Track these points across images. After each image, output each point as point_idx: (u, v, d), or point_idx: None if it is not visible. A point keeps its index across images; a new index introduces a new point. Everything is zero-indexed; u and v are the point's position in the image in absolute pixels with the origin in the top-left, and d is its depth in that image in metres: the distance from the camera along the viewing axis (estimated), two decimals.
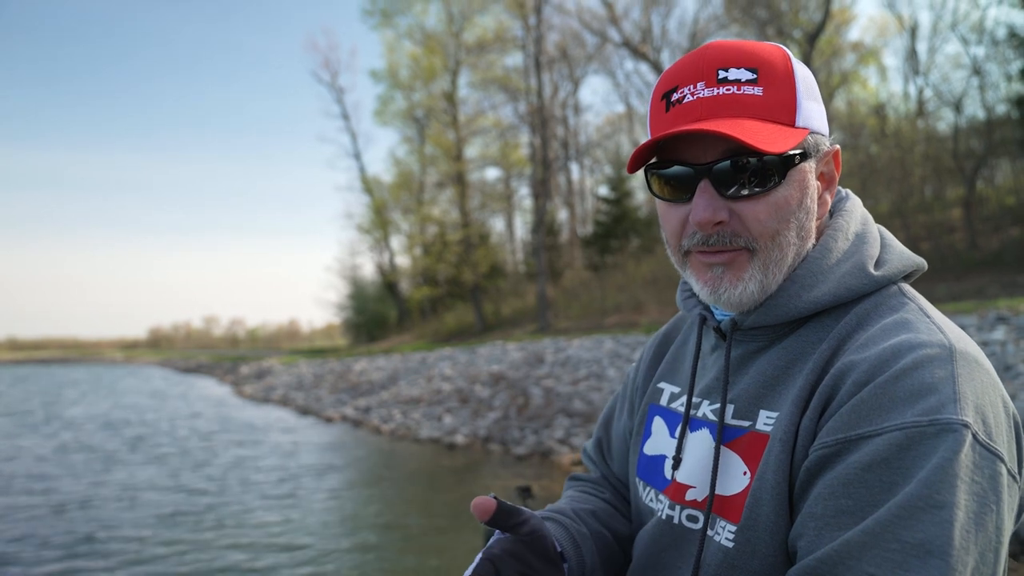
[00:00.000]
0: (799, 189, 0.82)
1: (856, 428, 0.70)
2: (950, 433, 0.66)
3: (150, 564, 6.25)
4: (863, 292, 0.82)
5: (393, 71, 34.94)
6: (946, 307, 10.80)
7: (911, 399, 0.69)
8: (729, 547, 0.82)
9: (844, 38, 26.76)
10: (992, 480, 0.67)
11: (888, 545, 0.65)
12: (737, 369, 0.89)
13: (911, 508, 0.65)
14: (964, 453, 0.66)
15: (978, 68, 20.05)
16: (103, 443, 13.79)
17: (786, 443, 0.78)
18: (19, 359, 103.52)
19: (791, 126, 0.80)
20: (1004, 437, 0.70)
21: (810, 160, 0.83)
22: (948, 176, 19.72)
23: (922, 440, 0.67)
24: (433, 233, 36.48)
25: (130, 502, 8.62)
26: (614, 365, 13.70)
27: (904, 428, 0.67)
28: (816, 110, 0.83)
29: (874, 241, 0.86)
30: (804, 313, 0.82)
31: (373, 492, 9.50)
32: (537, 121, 28.78)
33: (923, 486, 0.65)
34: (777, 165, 0.79)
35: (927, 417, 0.67)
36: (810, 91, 0.83)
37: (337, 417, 16.88)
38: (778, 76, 0.80)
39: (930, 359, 0.71)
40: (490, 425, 12.55)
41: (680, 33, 29.06)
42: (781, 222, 0.81)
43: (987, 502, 0.66)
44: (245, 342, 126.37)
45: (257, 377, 31.24)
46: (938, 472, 0.65)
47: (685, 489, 0.90)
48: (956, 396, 0.68)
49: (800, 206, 0.82)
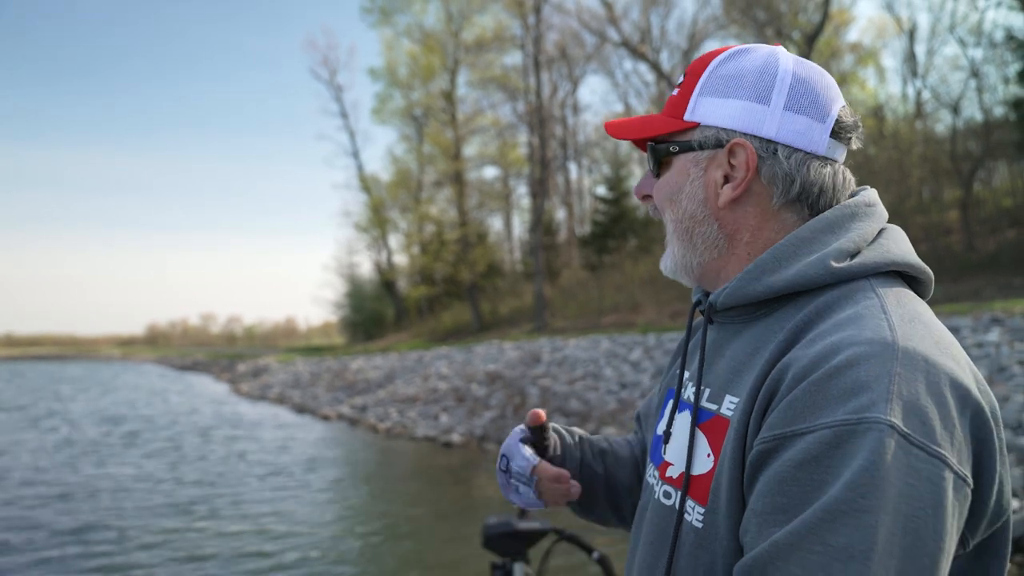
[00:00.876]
0: (677, 176, 0.91)
1: (791, 424, 0.70)
2: (875, 432, 0.65)
3: (145, 558, 6.24)
4: (820, 283, 0.81)
5: (391, 69, 34.90)
6: (942, 309, 10.82)
7: (843, 397, 0.68)
8: (699, 528, 0.83)
9: (843, 39, 26.79)
10: (930, 483, 0.65)
11: (813, 548, 0.65)
12: (716, 351, 0.91)
13: (835, 512, 0.65)
14: (892, 454, 0.65)
15: (976, 70, 20.08)
16: (98, 439, 13.76)
17: (739, 431, 0.79)
18: (15, 355, 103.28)
19: (679, 119, 0.89)
20: (953, 439, 0.68)
21: (694, 152, 0.89)
22: (945, 178, 19.74)
23: (850, 439, 0.66)
24: (431, 232, 36.45)
25: (125, 496, 8.60)
26: (610, 365, 13.70)
27: (833, 426, 0.67)
28: (720, 106, 0.87)
29: (859, 236, 0.84)
30: (762, 296, 0.84)
31: (368, 490, 9.49)
32: (535, 120, 28.76)
33: (847, 489, 0.65)
34: (658, 153, 0.91)
35: (856, 415, 0.66)
36: (721, 88, 0.87)
37: (333, 415, 16.86)
38: (691, 78, 0.90)
39: (867, 356, 0.69)
40: (486, 424, 12.55)
41: (679, 34, 29.15)
42: (664, 201, 0.92)
43: (922, 505, 0.65)
44: (242, 340, 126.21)
45: (254, 375, 31.21)
46: (864, 474, 0.64)
47: (667, 466, 0.93)
48: (889, 395, 0.67)
49: (680, 192, 0.90)
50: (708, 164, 0.88)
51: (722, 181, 0.88)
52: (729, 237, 0.89)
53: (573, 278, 31.43)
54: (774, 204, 0.87)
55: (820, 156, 0.86)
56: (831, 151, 0.87)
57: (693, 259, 0.92)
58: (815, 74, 0.88)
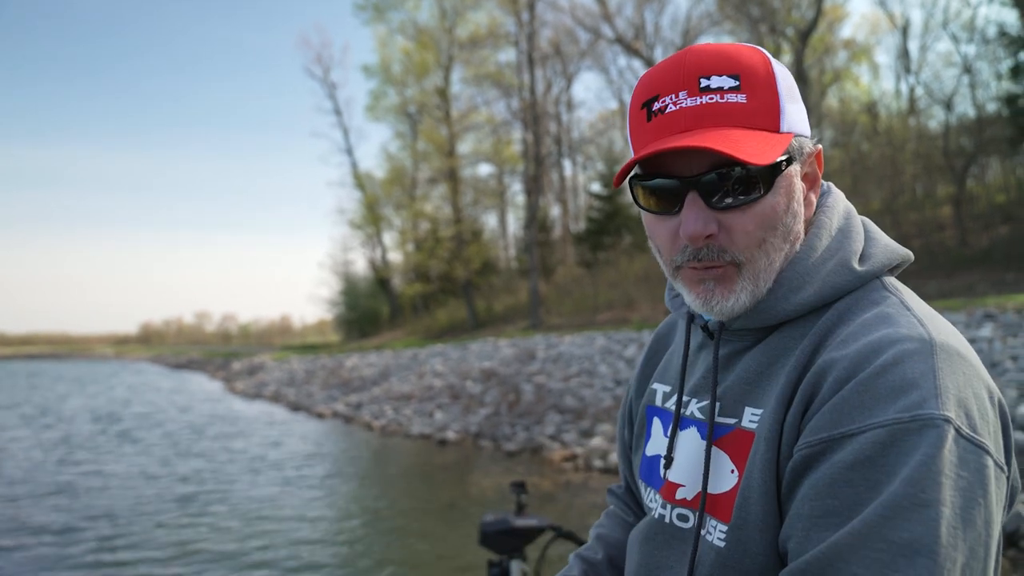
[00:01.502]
0: (786, 195, 0.81)
1: (839, 427, 0.70)
2: (932, 428, 0.65)
3: (137, 557, 6.22)
4: (848, 289, 0.81)
5: (385, 66, 34.81)
6: (935, 304, 10.85)
7: (892, 395, 0.68)
8: (721, 547, 0.81)
9: (836, 36, 26.85)
10: (978, 473, 0.66)
11: (875, 545, 0.64)
12: (724, 367, 0.89)
13: (896, 507, 0.64)
14: (948, 448, 0.65)
15: (969, 66, 20.14)
16: (91, 437, 13.71)
17: (771, 441, 0.77)
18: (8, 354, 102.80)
19: (776, 132, 0.79)
20: (989, 429, 0.69)
21: (795, 164, 0.82)
22: (939, 174, 19.80)
23: (905, 436, 0.66)
24: (425, 229, 36.40)
25: (116, 495, 8.57)
26: (605, 362, 13.71)
27: (886, 425, 0.67)
28: (797, 111, 0.83)
29: (857, 235, 0.85)
30: (792, 315, 0.82)
31: (363, 488, 9.48)
32: (530, 117, 28.73)
33: (908, 484, 0.64)
34: (764, 174, 0.78)
35: (908, 413, 0.67)
36: (791, 93, 0.82)
37: (328, 413, 16.83)
38: (760, 81, 0.79)
39: (910, 354, 0.70)
40: (481, 421, 12.54)
41: (673, 30, 29.04)
42: (768, 230, 0.80)
43: (974, 497, 0.65)
44: (237, 338, 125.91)
45: (249, 373, 31.13)
46: (922, 469, 0.64)
47: (675, 488, 0.90)
48: (937, 391, 0.67)
49: (787, 211, 0.81)
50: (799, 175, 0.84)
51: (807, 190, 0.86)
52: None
53: (568, 275, 31.42)
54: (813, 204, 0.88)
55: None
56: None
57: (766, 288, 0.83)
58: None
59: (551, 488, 8.35)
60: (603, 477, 8.83)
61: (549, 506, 7.43)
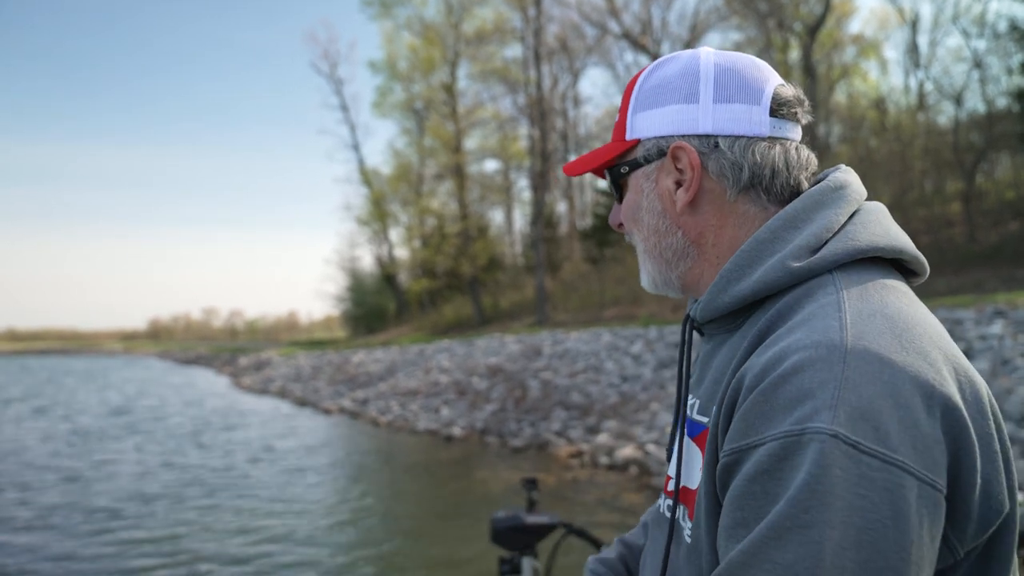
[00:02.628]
0: (634, 194, 0.91)
1: (745, 438, 0.69)
2: (816, 444, 0.62)
3: (143, 554, 6.25)
4: (782, 286, 0.78)
5: (392, 62, 34.77)
6: (944, 301, 10.79)
7: (788, 407, 0.65)
8: (688, 542, 0.83)
9: (845, 31, 26.64)
10: (887, 491, 0.62)
11: (763, 566, 0.63)
12: (705, 363, 0.91)
13: (780, 528, 0.63)
14: (839, 465, 0.62)
15: (979, 61, 19.96)
16: (99, 431, 13.78)
17: (711, 445, 0.77)
18: (18, 350, 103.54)
19: (622, 141, 0.90)
20: (911, 442, 0.63)
21: (643, 167, 0.89)
22: (948, 170, 19.67)
23: (796, 450, 0.64)
24: (432, 225, 36.40)
25: (121, 490, 8.61)
26: (612, 358, 13.69)
27: (779, 438, 0.65)
28: (651, 118, 0.88)
29: (822, 227, 0.79)
30: (729, 307, 0.82)
31: (370, 484, 9.51)
32: (536, 113, 28.67)
33: (790, 505, 0.62)
34: (614, 177, 0.92)
35: (799, 426, 0.64)
36: (649, 101, 0.88)
37: (335, 409, 16.88)
38: (624, 101, 0.91)
39: (812, 361, 0.66)
40: (487, 417, 12.55)
41: (680, 25, 28.91)
42: (630, 223, 0.93)
43: (878, 516, 0.61)
44: (244, 334, 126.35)
45: (256, 369, 31.25)
46: (804, 489, 0.62)
47: (669, 479, 0.95)
48: (834, 402, 0.64)
49: (639, 208, 0.91)
50: (658, 175, 0.88)
51: (675, 188, 0.87)
52: (695, 243, 0.88)
53: (574, 271, 31.37)
54: (729, 197, 0.85)
55: (765, 138, 0.84)
56: (777, 130, 0.84)
57: (670, 273, 0.91)
58: (740, 60, 0.86)
59: (557, 485, 8.34)
60: (609, 473, 8.83)
61: (555, 503, 7.42)
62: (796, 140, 0.87)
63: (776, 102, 0.84)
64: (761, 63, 0.87)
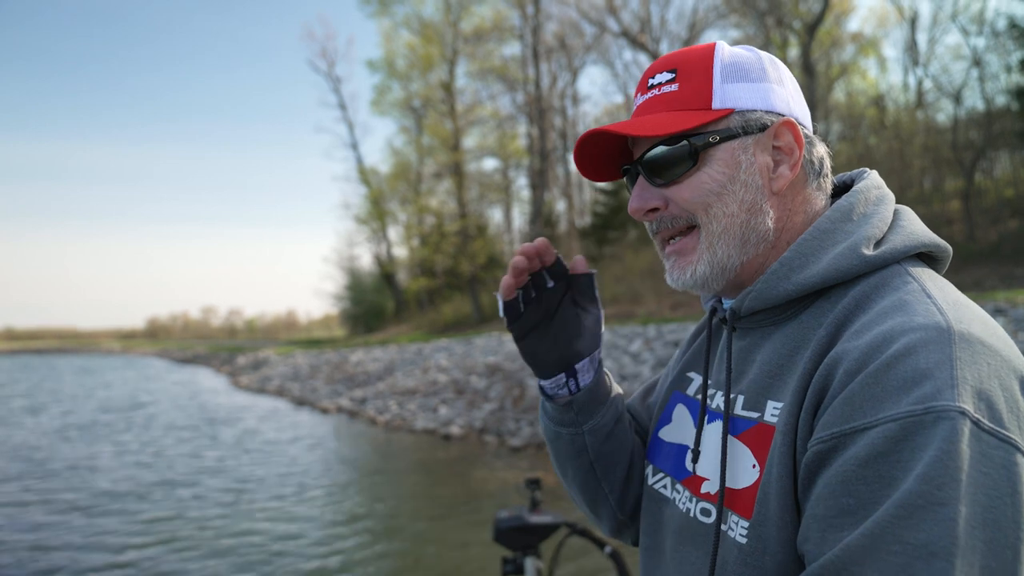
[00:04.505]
0: (726, 166, 0.84)
1: (850, 421, 0.67)
2: (947, 421, 0.62)
3: (139, 551, 6.22)
4: (855, 273, 0.79)
5: (390, 60, 34.74)
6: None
7: (905, 387, 0.65)
8: (743, 543, 0.79)
9: (844, 29, 26.60)
10: (1005, 470, 0.62)
11: (890, 548, 0.61)
12: (745, 358, 0.88)
13: (911, 507, 0.61)
14: (966, 442, 0.62)
15: (978, 59, 19.94)
16: (95, 431, 13.74)
17: (787, 435, 0.76)
18: (16, 349, 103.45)
19: (707, 109, 0.84)
20: (1018, 422, 0.65)
21: (740, 138, 0.84)
22: (947, 168, 19.66)
23: (919, 430, 0.63)
24: (431, 224, 36.37)
25: (116, 493, 8.58)
26: (610, 356, 13.66)
27: (898, 419, 0.64)
28: (748, 90, 0.85)
29: (880, 221, 0.83)
30: (794, 295, 0.81)
31: (368, 483, 9.47)
32: (535, 111, 28.65)
33: (922, 482, 0.61)
34: (687, 150, 0.84)
35: (922, 405, 0.63)
36: (738, 74, 0.85)
37: (333, 408, 16.85)
38: (695, 69, 0.86)
39: (924, 343, 0.67)
40: (485, 416, 12.52)
41: (679, 23, 28.92)
42: (711, 197, 0.85)
43: (999, 495, 0.61)
44: (243, 332, 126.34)
45: (253, 368, 31.20)
46: (937, 465, 0.61)
47: (701, 482, 0.90)
48: (954, 381, 0.64)
49: (733, 181, 0.84)
50: (755, 149, 0.85)
51: (774, 165, 0.86)
52: (777, 227, 0.86)
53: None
54: (810, 184, 0.87)
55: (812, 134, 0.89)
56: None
57: (742, 257, 0.86)
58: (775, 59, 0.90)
59: (555, 484, 8.31)
60: None
61: (553, 502, 7.39)
62: None
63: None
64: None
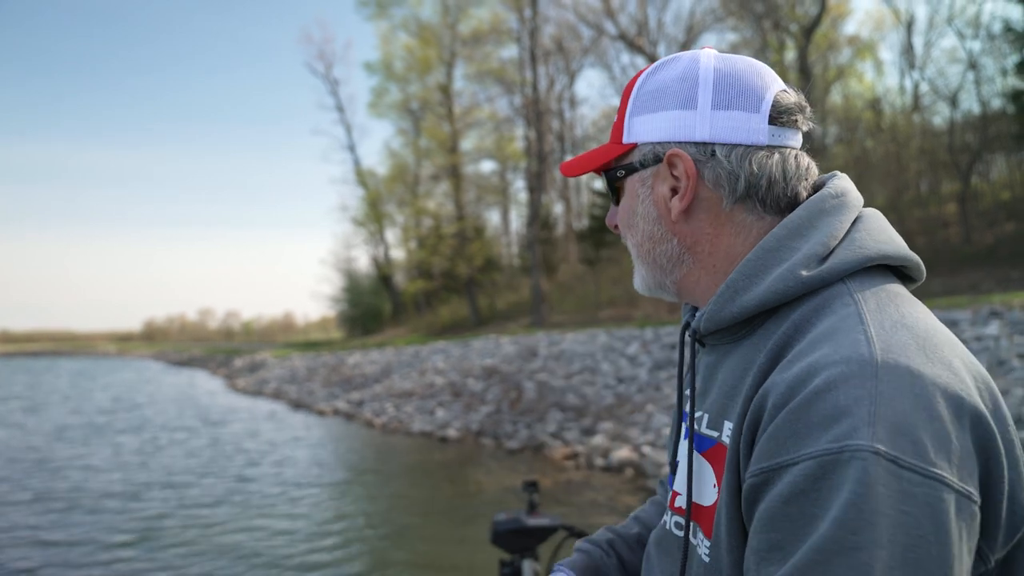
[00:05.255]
0: (630, 198, 0.90)
1: (775, 457, 0.67)
2: (859, 461, 0.61)
3: (136, 553, 6.19)
4: (793, 295, 0.77)
5: (388, 63, 34.73)
6: (939, 302, 10.77)
7: (824, 424, 0.64)
8: (707, 561, 0.81)
9: (840, 32, 26.68)
10: (928, 507, 0.61)
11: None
12: (711, 375, 0.88)
13: (826, 552, 0.61)
14: (882, 482, 0.61)
15: (974, 62, 20.00)
16: (90, 434, 13.69)
17: (732, 461, 0.76)
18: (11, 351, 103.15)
19: (619, 144, 0.89)
20: (950, 455, 0.63)
21: (639, 172, 0.88)
22: (943, 171, 19.69)
23: (835, 469, 0.62)
24: (428, 226, 36.34)
25: (113, 495, 8.55)
26: (608, 359, 13.66)
27: (816, 457, 0.63)
28: (650, 122, 0.86)
29: (829, 235, 0.79)
30: (739, 317, 0.80)
31: (365, 486, 9.45)
32: (532, 114, 28.66)
33: (837, 527, 0.61)
34: (609, 180, 0.91)
35: (838, 444, 0.62)
36: (649, 104, 0.86)
37: (330, 411, 16.81)
38: (623, 101, 0.89)
39: (845, 378, 0.65)
40: (483, 419, 12.50)
41: (676, 26, 28.93)
42: (625, 227, 0.92)
43: (921, 533, 0.60)
44: (240, 335, 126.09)
45: (250, 370, 31.14)
46: (851, 509, 0.60)
47: (676, 495, 0.92)
48: (871, 419, 0.62)
49: (635, 213, 0.89)
50: (653, 181, 0.87)
51: (670, 195, 0.86)
52: (690, 250, 0.87)
53: (570, 272, 31.35)
54: (725, 206, 0.84)
55: (763, 146, 0.82)
56: (776, 138, 0.83)
57: (664, 279, 0.90)
58: (741, 65, 0.84)
59: (552, 487, 8.30)
60: (604, 475, 8.79)
61: (551, 505, 7.38)
62: (796, 148, 0.85)
63: (776, 109, 0.83)
64: (763, 67, 0.86)
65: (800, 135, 0.86)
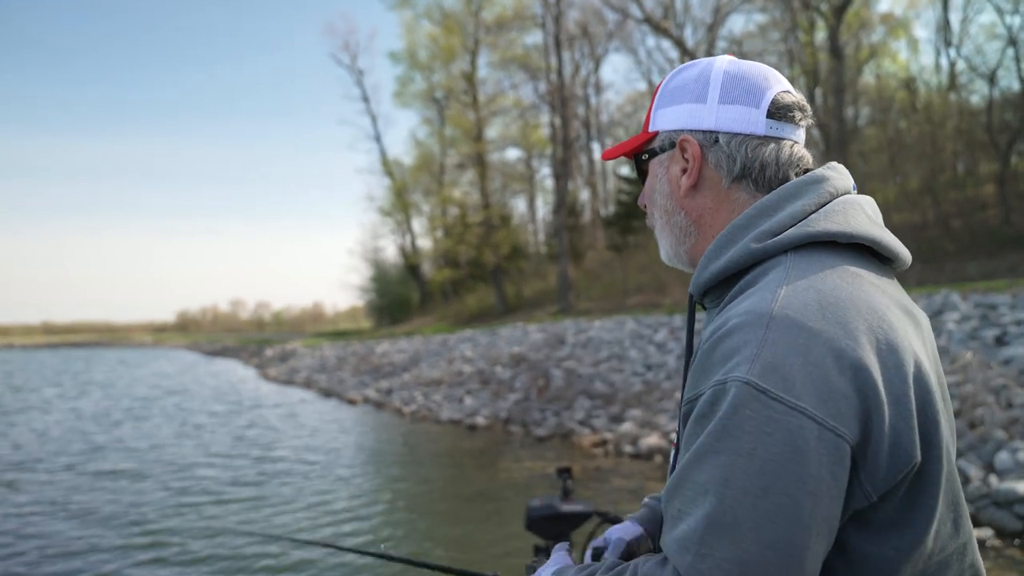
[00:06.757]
0: (652, 179, 1.07)
1: (692, 389, 0.84)
2: (735, 389, 0.77)
3: (170, 539, 6.35)
4: (744, 264, 0.90)
5: (412, 52, 34.75)
6: (978, 285, 10.52)
7: (721, 361, 0.80)
8: None
9: (873, 9, 25.98)
10: (788, 432, 0.74)
11: (686, 484, 0.79)
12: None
13: (699, 454, 0.78)
14: (749, 408, 0.75)
15: (1014, 38, 19.36)
16: (125, 422, 14.03)
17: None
18: (53, 342, 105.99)
19: (646, 132, 1.05)
20: (817, 394, 0.75)
21: (659, 155, 1.04)
22: (981, 151, 19.16)
23: (720, 396, 0.78)
24: (454, 215, 36.43)
25: (154, 480, 8.76)
26: (636, 346, 13.60)
27: (712, 387, 0.79)
28: (670, 113, 1.02)
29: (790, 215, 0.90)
30: (709, 283, 0.95)
31: (394, 473, 9.56)
32: (557, 100, 28.48)
33: (707, 436, 0.78)
34: (637, 163, 1.09)
35: (724, 376, 0.78)
36: (670, 98, 1.03)
37: (359, 399, 17.01)
38: (653, 97, 1.06)
39: (742, 325, 0.80)
40: (511, 407, 12.55)
41: (703, 8, 28.51)
42: (649, 204, 1.09)
43: (780, 451, 0.74)
44: (270, 325, 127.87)
45: (281, 359, 31.62)
46: (721, 422, 0.77)
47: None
48: (752, 357, 0.77)
49: (656, 192, 1.06)
50: (669, 163, 1.04)
51: (681, 174, 1.02)
52: (696, 223, 1.02)
53: (597, 259, 31.21)
54: (724, 185, 0.99)
55: (760, 136, 0.97)
56: (773, 131, 0.97)
57: (679, 247, 1.05)
58: (750, 69, 0.99)
59: (581, 474, 8.32)
60: (633, 462, 8.78)
61: (580, 492, 7.38)
62: (793, 141, 0.99)
63: (775, 106, 0.97)
64: (771, 72, 1.00)
65: (799, 131, 0.99)
